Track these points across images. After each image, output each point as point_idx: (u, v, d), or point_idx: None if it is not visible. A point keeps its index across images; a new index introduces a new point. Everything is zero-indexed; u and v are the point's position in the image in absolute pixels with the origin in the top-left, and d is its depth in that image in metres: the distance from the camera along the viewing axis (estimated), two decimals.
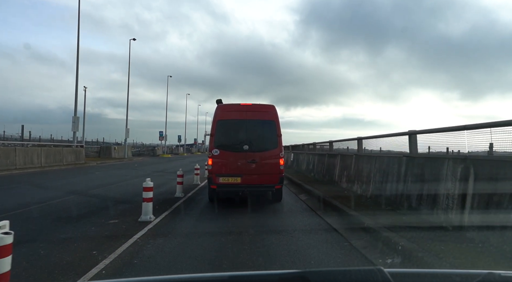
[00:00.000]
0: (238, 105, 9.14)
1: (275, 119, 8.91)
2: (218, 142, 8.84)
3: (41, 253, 5.05)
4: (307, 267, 4.54)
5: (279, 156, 8.81)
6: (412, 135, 7.30)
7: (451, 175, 5.62)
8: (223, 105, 9.30)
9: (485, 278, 1.24)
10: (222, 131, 8.90)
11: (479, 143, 5.44)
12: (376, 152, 10.04)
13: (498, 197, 4.64)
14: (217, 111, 9.10)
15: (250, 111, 8.95)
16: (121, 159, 37.50)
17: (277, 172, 8.72)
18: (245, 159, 8.66)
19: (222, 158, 8.75)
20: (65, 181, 15.72)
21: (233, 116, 8.97)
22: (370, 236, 5.70)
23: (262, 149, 8.78)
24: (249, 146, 8.70)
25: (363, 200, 8.71)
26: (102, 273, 4.29)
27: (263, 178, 8.70)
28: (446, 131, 6.23)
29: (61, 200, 9.89)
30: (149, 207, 7.25)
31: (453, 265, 4.02)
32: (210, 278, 1.45)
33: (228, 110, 9.09)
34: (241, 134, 8.82)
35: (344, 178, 10.77)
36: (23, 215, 7.81)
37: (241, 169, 8.63)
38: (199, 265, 4.54)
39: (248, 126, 8.85)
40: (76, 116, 27.77)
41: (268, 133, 8.87)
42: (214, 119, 9.06)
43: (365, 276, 1.24)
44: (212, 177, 8.73)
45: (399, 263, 4.53)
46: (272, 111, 9.02)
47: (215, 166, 8.72)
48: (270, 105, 9.29)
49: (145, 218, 7.13)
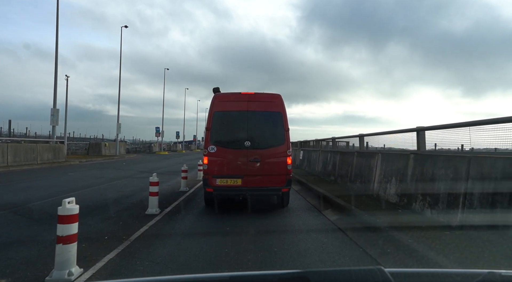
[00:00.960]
0: (239, 94, 8.13)
1: (282, 111, 7.94)
2: (215, 138, 7.91)
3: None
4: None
5: (287, 154, 7.86)
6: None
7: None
8: (221, 94, 8.27)
9: (486, 278, 1.24)
10: (219, 124, 7.96)
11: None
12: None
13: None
14: (214, 101, 8.06)
15: (253, 101, 7.98)
16: (111, 156, 34.28)
17: (284, 173, 7.81)
18: (247, 157, 7.76)
19: (219, 157, 7.84)
20: (17, 186, 12.40)
21: (232, 107, 8.05)
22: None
23: (266, 146, 7.87)
24: (251, 142, 7.77)
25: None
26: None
27: (267, 180, 7.76)
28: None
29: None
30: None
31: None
32: (210, 278, 1.45)
33: (227, 100, 8.13)
34: (242, 128, 7.87)
35: (392, 187, 7.40)
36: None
37: (241, 169, 7.74)
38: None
39: (250, 119, 7.87)
40: (55, 108, 24.48)
41: (274, 127, 7.95)
42: (211, 111, 8.04)
43: (365, 276, 1.24)
44: (208, 179, 7.80)
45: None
46: (278, 101, 8.02)
47: (212, 166, 7.82)
48: (275, 94, 8.16)
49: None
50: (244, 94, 8.06)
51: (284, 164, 7.80)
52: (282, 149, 7.83)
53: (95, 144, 37.79)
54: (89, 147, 37.09)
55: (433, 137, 7.02)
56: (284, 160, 7.81)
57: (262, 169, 7.72)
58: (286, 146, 7.85)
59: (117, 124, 37.86)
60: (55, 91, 24.65)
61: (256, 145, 7.77)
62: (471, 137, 5.58)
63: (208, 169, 7.79)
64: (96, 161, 28.27)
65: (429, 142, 7.21)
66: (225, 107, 8.02)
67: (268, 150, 7.83)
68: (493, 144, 5.32)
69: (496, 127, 4.99)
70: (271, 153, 7.83)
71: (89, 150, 36.56)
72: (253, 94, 8.07)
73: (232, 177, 7.70)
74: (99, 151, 36.51)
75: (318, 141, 17.50)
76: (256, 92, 8.14)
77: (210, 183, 7.75)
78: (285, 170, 7.78)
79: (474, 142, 5.62)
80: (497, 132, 5.00)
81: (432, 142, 7.14)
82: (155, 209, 7.69)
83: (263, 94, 8.20)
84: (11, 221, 6.86)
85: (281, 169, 7.77)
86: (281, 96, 8.09)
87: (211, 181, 7.74)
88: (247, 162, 7.72)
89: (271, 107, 7.98)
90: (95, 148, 36.75)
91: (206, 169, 7.81)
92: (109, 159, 31.85)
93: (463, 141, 5.96)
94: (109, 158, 32.19)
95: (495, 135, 5.06)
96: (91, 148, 36.57)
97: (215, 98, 8.10)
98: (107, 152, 37.52)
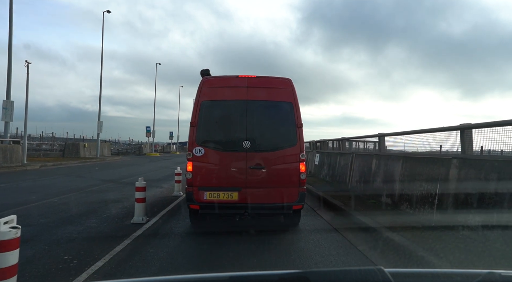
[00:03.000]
0: (235, 78, 6.44)
1: (293, 100, 6.30)
2: (202, 137, 6.24)
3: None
4: None
5: (299, 159, 6.20)
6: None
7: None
8: (211, 78, 6.53)
9: (486, 278, 1.23)
10: (209, 118, 6.29)
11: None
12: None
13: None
14: (202, 87, 6.35)
15: (254, 88, 6.33)
16: (89, 159, 29.60)
17: (296, 184, 6.13)
18: (246, 163, 6.11)
19: (208, 162, 6.21)
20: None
21: (226, 95, 6.41)
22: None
23: (272, 148, 6.28)
24: (251, 143, 6.11)
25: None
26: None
27: (274, 194, 6.12)
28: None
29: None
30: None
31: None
32: (210, 278, 1.40)
33: (219, 86, 6.46)
34: (240, 123, 6.24)
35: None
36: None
37: (238, 179, 6.10)
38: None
39: (250, 111, 6.23)
40: (8, 100, 19.79)
41: (282, 122, 6.39)
42: (197, 100, 6.28)
43: (365, 276, 1.22)
44: (193, 192, 6.06)
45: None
46: (288, 88, 6.36)
47: (198, 175, 6.13)
48: (284, 78, 6.53)
49: None
50: (243, 78, 6.42)
51: (296, 172, 6.23)
52: (294, 151, 6.26)
53: (72, 145, 33.01)
54: (64, 148, 32.39)
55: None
56: (296, 167, 6.24)
57: (267, 178, 6.21)
58: (298, 148, 6.27)
59: (98, 122, 33.17)
60: (8, 80, 19.98)
61: (259, 146, 6.26)
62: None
63: (192, 179, 6.17)
64: (65, 165, 23.70)
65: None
66: (216, 95, 6.46)
67: (274, 153, 6.31)
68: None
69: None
70: (278, 157, 6.29)
71: (64, 151, 31.87)
72: (254, 78, 6.44)
73: (226, 189, 6.13)
74: (76, 152, 31.82)
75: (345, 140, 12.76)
76: (258, 76, 6.47)
77: (196, 198, 6.15)
78: (297, 180, 6.23)
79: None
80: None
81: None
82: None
83: (267, 78, 6.57)
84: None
85: (292, 179, 6.23)
86: (291, 81, 6.48)
87: (197, 196, 6.16)
88: (246, 170, 6.18)
89: (278, 95, 6.44)
90: (72, 149, 32.02)
91: (190, 179, 6.17)
92: (85, 162, 27.24)
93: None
94: (85, 161, 27.56)
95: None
96: (67, 149, 31.85)
97: (203, 83, 6.41)
98: (87, 153, 32.85)
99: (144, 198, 7.01)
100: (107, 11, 33.25)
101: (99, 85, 33.30)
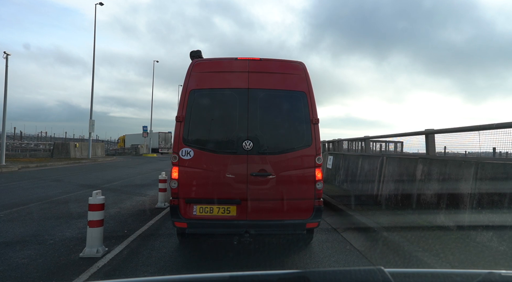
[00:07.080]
0: (234, 61, 5.19)
1: (307, 89, 5.02)
2: (191, 135, 4.97)
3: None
4: None
5: (315, 163, 4.88)
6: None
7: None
8: (203, 61, 5.29)
9: (486, 278, 1.21)
10: (199, 112, 5.04)
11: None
12: None
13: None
14: (192, 71, 5.07)
15: (258, 73, 5.07)
16: (79, 160, 27.56)
17: (311, 195, 4.87)
18: (247, 169, 4.84)
19: (198, 167, 4.91)
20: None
21: (222, 83, 5.11)
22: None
23: (280, 149, 4.98)
24: (254, 143, 4.85)
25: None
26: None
27: (282, 208, 4.90)
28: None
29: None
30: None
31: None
32: (210, 278, 1.37)
33: (214, 70, 5.14)
34: (239, 118, 4.96)
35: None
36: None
37: (237, 189, 4.86)
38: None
39: (253, 103, 4.98)
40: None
41: (293, 117, 5.06)
42: (185, 89, 5.04)
43: (365, 276, 1.21)
44: (179, 206, 4.82)
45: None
46: (301, 73, 5.09)
47: (185, 183, 4.88)
48: (295, 62, 5.23)
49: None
50: (243, 61, 5.08)
51: (311, 180, 4.84)
52: (308, 154, 4.88)
53: (62, 145, 30.99)
54: (53, 148, 30.37)
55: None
56: (311, 173, 4.86)
57: (273, 189, 4.86)
58: (313, 150, 4.89)
59: (90, 121, 31.13)
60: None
61: (263, 147, 4.90)
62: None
63: (178, 189, 4.80)
64: (50, 167, 21.70)
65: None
66: (209, 83, 5.05)
67: (283, 156, 4.93)
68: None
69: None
70: (288, 161, 4.93)
71: (53, 152, 29.87)
72: (257, 61, 5.11)
73: (221, 202, 4.81)
74: (66, 152, 29.86)
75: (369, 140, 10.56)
76: (262, 58, 5.14)
77: (183, 213, 4.78)
78: (312, 191, 4.85)
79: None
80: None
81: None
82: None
83: (275, 60, 5.20)
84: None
85: (305, 189, 4.87)
86: (304, 65, 5.17)
87: (184, 210, 4.79)
88: (248, 177, 4.82)
89: (288, 82, 5.05)
90: (61, 149, 30.05)
91: (176, 189, 4.80)
92: (73, 163, 25.23)
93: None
94: (73, 162, 25.54)
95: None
96: (56, 150, 29.87)
97: (193, 66, 5.07)
98: (78, 154, 30.85)
99: (102, 221, 4.92)
100: (99, 3, 31.26)
101: (91, 84, 31.27)
